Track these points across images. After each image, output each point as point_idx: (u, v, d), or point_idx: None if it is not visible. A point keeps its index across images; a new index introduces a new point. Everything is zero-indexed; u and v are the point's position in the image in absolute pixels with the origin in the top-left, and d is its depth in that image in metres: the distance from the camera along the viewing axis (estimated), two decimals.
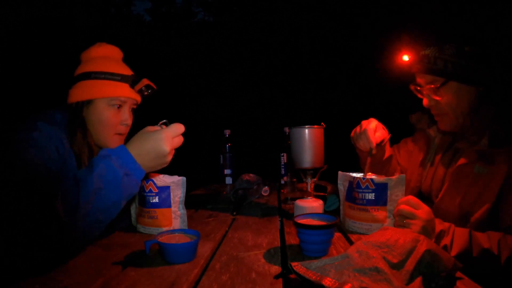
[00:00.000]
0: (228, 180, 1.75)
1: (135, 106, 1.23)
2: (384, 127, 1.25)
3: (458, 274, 0.70)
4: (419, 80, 1.13)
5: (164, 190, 1.02)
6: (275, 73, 4.93)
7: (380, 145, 1.24)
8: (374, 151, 1.15)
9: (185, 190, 1.04)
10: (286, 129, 1.77)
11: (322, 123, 1.17)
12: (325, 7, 4.69)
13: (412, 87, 1.16)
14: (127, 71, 1.19)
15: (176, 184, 1.03)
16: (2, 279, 0.70)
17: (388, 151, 1.32)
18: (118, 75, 1.15)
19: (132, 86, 1.16)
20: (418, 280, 0.61)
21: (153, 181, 1.02)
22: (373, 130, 1.17)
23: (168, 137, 0.86)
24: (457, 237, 0.93)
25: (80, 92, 1.13)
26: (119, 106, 1.16)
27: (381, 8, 4.27)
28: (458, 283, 0.67)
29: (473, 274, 0.71)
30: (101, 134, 1.16)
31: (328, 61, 4.76)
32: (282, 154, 1.81)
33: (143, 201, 1.03)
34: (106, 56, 1.19)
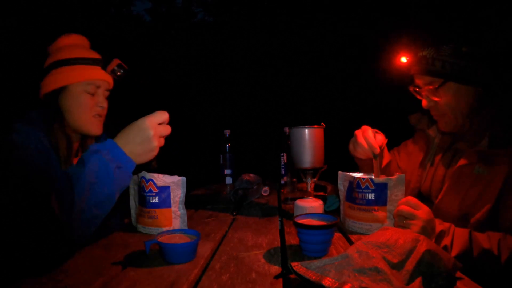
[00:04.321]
0: (228, 180, 1.75)
1: (108, 93, 1.24)
2: (380, 132, 1.21)
3: (458, 274, 0.70)
4: (418, 81, 1.13)
5: (164, 190, 1.02)
6: (275, 73, 4.94)
7: (381, 148, 1.22)
8: (377, 152, 1.10)
9: (185, 190, 1.04)
10: (286, 129, 1.77)
11: (322, 123, 1.17)
12: (325, 8, 4.70)
13: (411, 89, 1.16)
14: (96, 55, 1.20)
15: (176, 184, 1.03)
16: (2, 279, 0.70)
17: (386, 157, 1.31)
18: (89, 59, 1.16)
19: (104, 67, 1.18)
20: (418, 280, 0.61)
21: (153, 181, 1.01)
22: (372, 135, 1.15)
23: (150, 121, 0.89)
24: (457, 238, 0.93)
25: (53, 80, 1.14)
26: (93, 94, 1.17)
27: (380, 10, 4.28)
28: (458, 283, 0.67)
29: (473, 274, 0.71)
30: (80, 119, 1.16)
31: (328, 61, 4.77)
32: (282, 154, 1.81)
33: (143, 201, 1.03)
34: (74, 44, 1.21)
